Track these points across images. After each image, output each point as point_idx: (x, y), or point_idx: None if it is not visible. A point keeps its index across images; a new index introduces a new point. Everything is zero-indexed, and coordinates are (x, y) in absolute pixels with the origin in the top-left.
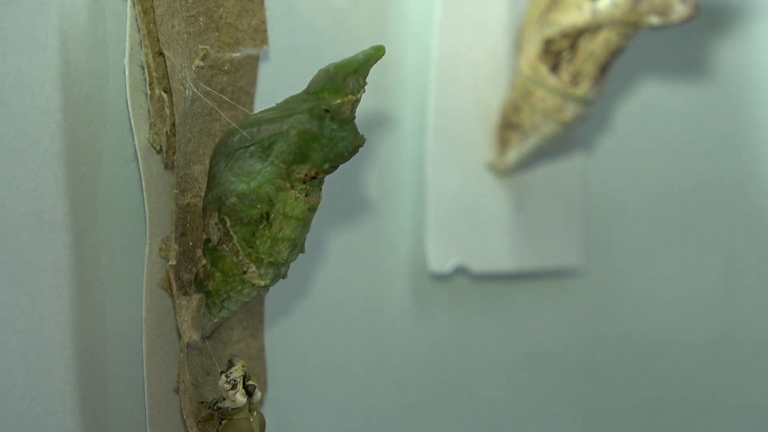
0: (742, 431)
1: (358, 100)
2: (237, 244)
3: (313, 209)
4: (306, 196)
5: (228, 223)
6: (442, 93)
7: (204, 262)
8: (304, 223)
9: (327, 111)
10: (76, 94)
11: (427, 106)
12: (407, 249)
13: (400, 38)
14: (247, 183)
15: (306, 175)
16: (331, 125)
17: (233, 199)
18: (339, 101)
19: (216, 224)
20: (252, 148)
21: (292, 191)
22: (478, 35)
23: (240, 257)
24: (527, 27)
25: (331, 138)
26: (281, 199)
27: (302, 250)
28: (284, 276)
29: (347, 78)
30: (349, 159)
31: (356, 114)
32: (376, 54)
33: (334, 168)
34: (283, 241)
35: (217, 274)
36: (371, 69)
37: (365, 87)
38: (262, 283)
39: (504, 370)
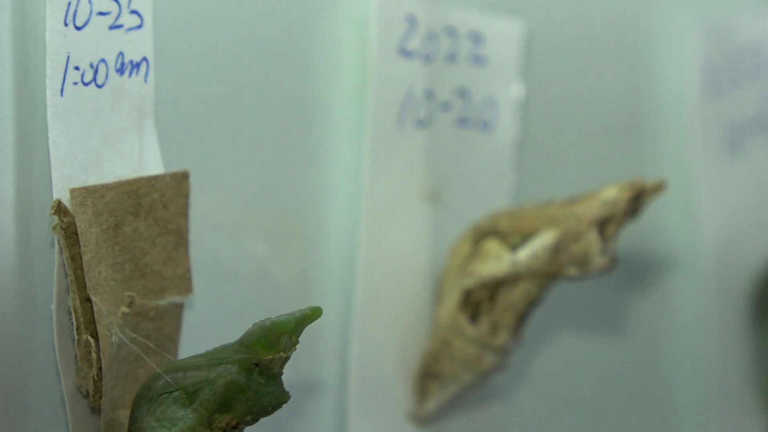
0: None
1: (288, 358)
2: None
3: None
4: None
5: None
6: (363, 342)
7: None
8: None
9: (257, 365)
10: (4, 339)
11: (348, 354)
12: None
13: (321, 287)
14: (168, 429)
15: (227, 424)
16: (258, 379)
17: None
18: (270, 357)
19: None
20: (176, 393)
21: None
22: (400, 286)
23: None
24: (447, 277)
25: (257, 391)
26: None
27: None
28: None
29: (282, 336)
30: (272, 413)
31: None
32: (312, 315)
33: (255, 420)
34: None
35: None
36: None
37: (296, 346)
38: None
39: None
